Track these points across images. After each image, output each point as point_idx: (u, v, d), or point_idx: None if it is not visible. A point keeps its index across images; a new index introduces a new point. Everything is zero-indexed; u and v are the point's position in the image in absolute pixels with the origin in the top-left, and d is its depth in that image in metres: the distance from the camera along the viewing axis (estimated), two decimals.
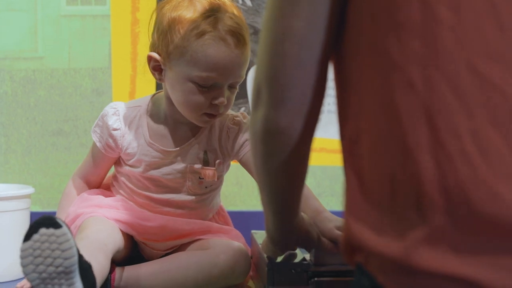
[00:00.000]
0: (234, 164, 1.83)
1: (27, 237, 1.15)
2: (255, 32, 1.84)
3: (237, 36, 1.40)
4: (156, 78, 1.46)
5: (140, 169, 1.49)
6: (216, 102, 1.40)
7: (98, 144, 1.49)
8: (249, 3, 1.84)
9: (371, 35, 0.80)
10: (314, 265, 1.32)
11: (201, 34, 1.38)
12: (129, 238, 1.50)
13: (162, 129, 1.49)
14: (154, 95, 1.53)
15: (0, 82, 1.82)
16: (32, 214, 1.73)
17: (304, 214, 1.20)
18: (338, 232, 1.26)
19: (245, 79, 1.83)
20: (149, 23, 1.47)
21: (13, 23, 1.82)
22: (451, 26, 0.74)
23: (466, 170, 0.73)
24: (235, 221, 1.65)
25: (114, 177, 1.56)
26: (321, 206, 1.34)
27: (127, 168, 1.51)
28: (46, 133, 1.82)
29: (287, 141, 0.91)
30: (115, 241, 1.41)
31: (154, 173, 1.49)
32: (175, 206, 1.51)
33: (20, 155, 1.82)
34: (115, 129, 1.48)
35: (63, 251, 1.14)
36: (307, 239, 1.21)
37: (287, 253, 1.28)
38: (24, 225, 1.66)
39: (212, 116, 1.43)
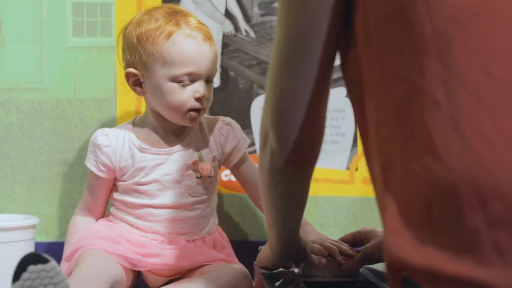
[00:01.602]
0: (238, 194, 1.84)
1: (17, 277, 1.13)
2: (259, 63, 1.86)
3: (202, 31, 1.52)
4: (137, 93, 1.55)
5: (138, 178, 1.53)
6: (198, 95, 1.49)
7: (93, 168, 1.55)
8: (252, 34, 1.86)
9: (388, 68, 0.86)
10: (301, 276, 1.43)
11: (168, 35, 1.49)
12: (131, 269, 1.51)
13: (151, 136, 1.57)
14: (134, 119, 1.62)
15: (7, 113, 1.84)
16: (37, 245, 1.74)
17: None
18: (315, 245, 1.41)
19: (249, 111, 1.85)
20: (117, 49, 1.56)
21: (20, 54, 1.84)
22: (462, 41, 0.81)
23: (497, 164, 0.78)
24: (238, 252, 1.65)
25: (112, 206, 1.59)
26: (305, 220, 1.44)
27: (124, 184, 1.55)
28: (51, 163, 1.84)
29: (290, 176, 1.07)
30: (110, 273, 1.42)
31: (154, 176, 1.53)
32: (178, 210, 1.53)
33: (25, 185, 1.83)
34: (106, 146, 1.55)
35: (55, 284, 1.13)
36: (302, 254, 1.36)
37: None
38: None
39: (197, 111, 1.51)
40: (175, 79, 1.49)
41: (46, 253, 1.67)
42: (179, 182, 1.53)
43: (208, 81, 1.53)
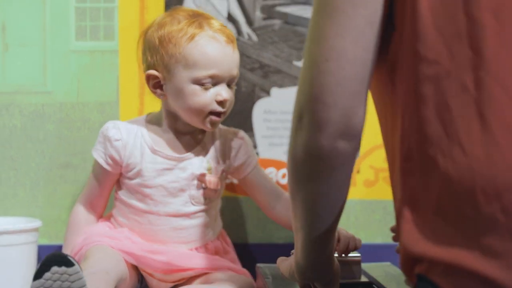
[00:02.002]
0: (239, 197, 1.84)
1: (39, 275, 1.13)
2: (261, 66, 1.86)
3: (225, 33, 1.50)
4: (157, 96, 1.52)
5: (143, 179, 1.51)
6: (221, 98, 1.48)
7: (100, 160, 1.53)
8: (254, 38, 1.86)
9: (416, 50, 0.85)
10: None
11: (192, 37, 1.47)
12: (135, 270, 1.51)
13: (164, 138, 1.54)
14: (148, 115, 1.59)
15: (10, 116, 1.84)
16: (40, 247, 1.74)
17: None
18: None
19: (251, 112, 1.86)
20: (137, 50, 1.54)
21: (23, 58, 1.84)
22: (495, 32, 0.81)
23: None
24: (240, 254, 1.65)
25: (114, 208, 1.58)
26: None
27: (129, 182, 1.53)
28: (54, 166, 1.84)
29: (330, 166, 0.90)
30: (117, 270, 1.41)
31: (159, 181, 1.51)
32: (180, 218, 1.52)
33: (28, 188, 1.84)
34: (116, 140, 1.53)
35: None
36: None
37: None
38: (31, 259, 1.67)
39: (218, 115, 1.49)
40: (198, 81, 1.47)
41: None
42: (184, 191, 1.52)
43: (230, 84, 1.51)
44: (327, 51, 0.86)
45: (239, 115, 1.85)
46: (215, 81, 1.48)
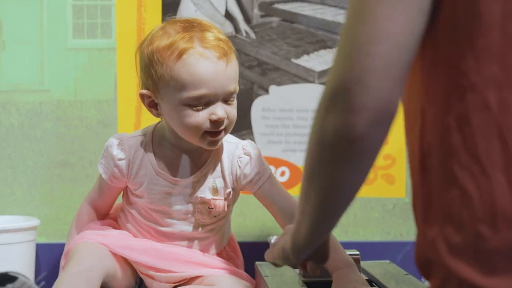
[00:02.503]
0: (239, 195, 1.84)
1: None
2: (259, 64, 1.86)
3: (217, 48, 1.39)
4: (154, 115, 1.45)
5: (148, 200, 1.48)
6: (215, 118, 1.38)
7: (104, 175, 1.48)
8: (252, 35, 1.86)
9: (449, 54, 0.83)
10: (302, 277, 1.42)
11: (180, 55, 1.37)
12: (130, 267, 1.49)
13: (169, 158, 1.48)
14: (157, 123, 1.52)
15: (7, 114, 1.84)
16: (38, 246, 1.74)
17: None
18: None
19: (249, 110, 1.85)
20: (135, 65, 1.48)
21: (20, 56, 1.84)
22: None
23: None
24: None
25: (122, 210, 1.56)
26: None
27: (135, 199, 1.50)
28: (52, 164, 1.84)
29: (360, 151, 0.86)
30: (102, 266, 1.39)
31: (163, 204, 1.48)
32: (184, 238, 1.49)
33: (26, 187, 1.84)
34: (120, 159, 1.47)
35: None
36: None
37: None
38: (30, 257, 1.67)
39: (214, 134, 1.41)
40: (188, 103, 1.38)
41: (47, 254, 1.68)
42: (189, 213, 1.48)
43: (227, 100, 1.41)
44: (376, 33, 0.82)
45: (238, 113, 1.83)
46: (207, 100, 1.38)
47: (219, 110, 1.38)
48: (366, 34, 0.82)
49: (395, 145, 1.84)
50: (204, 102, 1.38)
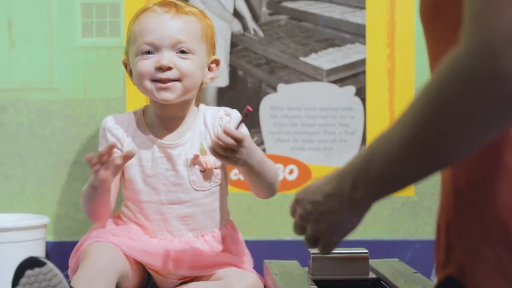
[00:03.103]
0: (246, 193, 1.84)
1: (15, 283, 1.14)
2: (267, 62, 1.86)
3: (168, 5, 1.52)
4: (132, 82, 1.54)
5: (143, 169, 1.52)
6: (158, 64, 1.47)
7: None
8: (261, 33, 1.86)
9: None
10: (312, 275, 1.42)
11: (136, 16, 1.53)
12: (139, 266, 1.50)
13: (156, 127, 1.54)
14: (147, 105, 1.60)
15: (17, 112, 1.85)
16: (48, 244, 1.75)
17: None
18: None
19: (257, 108, 1.85)
20: None
21: (30, 54, 1.85)
22: None
23: None
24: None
25: (122, 204, 1.58)
26: None
27: (131, 173, 1.53)
28: (61, 162, 1.85)
29: (500, 92, 0.72)
30: (117, 266, 1.41)
31: (159, 170, 1.52)
32: (184, 205, 1.52)
33: (36, 185, 1.84)
34: (116, 128, 1.54)
35: (54, 286, 1.14)
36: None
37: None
38: (40, 255, 1.67)
39: (163, 82, 1.48)
40: (138, 53, 1.49)
41: (56, 252, 1.69)
42: (183, 177, 1.53)
43: (181, 52, 1.49)
44: None
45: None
46: (154, 48, 1.49)
47: (163, 58, 1.47)
48: None
49: None
50: (151, 50, 1.49)
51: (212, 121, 1.55)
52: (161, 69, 1.47)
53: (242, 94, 1.86)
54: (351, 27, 1.86)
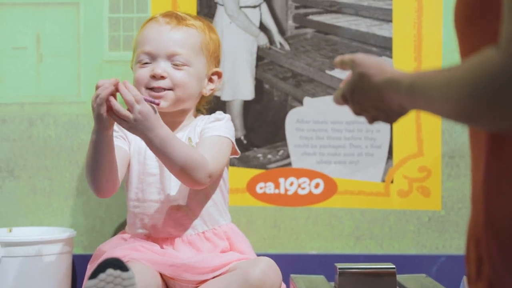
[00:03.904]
0: (272, 207, 1.84)
1: (94, 275, 1.17)
2: (293, 75, 1.86)
3: (170, 16, 1.59)
4: None
5: (146, 168, 1.56)
6: (152, 73, 1.54)
7: (114, 133, 1.52)
8: (287, 47, 1.86)
9: None
10: None
11: (143, 25, 1.62)
12: (162, 279, 1.51)
13: None
14: None
15: (45, 126, 1.86)
16: (74, 257, 1.75)
17: None
18: None
19: (283, 122, 1.85)
20: None
21: (58, 68, 1.86)
22: None
23: None
24: None
25: (127, 217, 1.61)
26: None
27: (134, 171, 1.56)
28: None
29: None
30: (155, 284, 1.43)
31: (151, 169, 1.56)
32: (178, 202, 1.55)
33: (63, 198, 1.85)
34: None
35: None
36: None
37: None
38: (66, 268, 1.68)
39: (155, 90, 1.54)
40: (137, 60, 1.58)
41: (83, 265, 1.70)
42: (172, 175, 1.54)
43: (173, 62, 1.56)
44: None
45: (272, 125, 1.85)
46: (151, 58, 1.56)
47: (157, 67, 1.55)
48: None
49: (431, 157, 1.83)
50: (148, 59, 1.57)
51: (200, 124, 1.60)
52: (154, 77, 1.54)
53: (268, 108, 1.86)
54: (377, 40, 1.85)
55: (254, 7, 1.86)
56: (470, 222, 0.88)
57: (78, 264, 1.78)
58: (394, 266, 1.48)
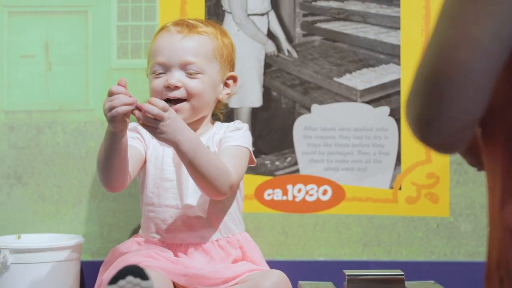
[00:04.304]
0: (280, 213, 1.84)
1: (113, 281, 1.17)
2: (301, 83, 1.86)
3: (181, 25, 1.58)
4: None
5: (163, 173, 1.55)
6: (166, 83, 1.54)
7: (129, 133, 1.51)
8: (295, 54, 1.87)
9: None
10: None
11: (155, 34, 1.62)
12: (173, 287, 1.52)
13: None
14: None
15: (53, 133, 1.87)
16: (82, 263, 1.76)
17: None
18: None
19: (291, 129, 1.85)
20: None
21: (66, 76, 1.87)
22: None
23: None
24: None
25: (141, 220, 1.61)
26: None
27: (150, 176, 1.56)
28: (96, 183, 1.86)
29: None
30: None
31: (169, 174, 1.56)
32: (193, 209, 1.54)
33: (71, 205, 1.86)
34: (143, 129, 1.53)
35: None
36: None
37: None
38: (75, 275, 1.69)
39: (173, 102, 1.53)
40: (151, 71, 1.58)
41: (91, 272, 1.70)
42: (190, 182, 1.54)
43: (186, 71, 1.55)
44: (460, 37, 0.77)
45: (280, 132, 1.85)
46: (165, 68, 1.56)
47: (171, 77, 1.54)
48: (449, 38, 0.78)
49: (439, 164, 1.82)
50: (162, 69, 1.56)
51: (218, 132, 1.59)
52: (169, 88, 1.54)
53: (276, 115, 1.86)
54: (385, 48, 1.85)
55: (262, 14, 1.87)
56: (489, 242, 0.86)
57: (86, 271, 1.79)
58: (402, 273, 1.48)
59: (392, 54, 1.85)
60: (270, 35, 1.87)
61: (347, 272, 1.51)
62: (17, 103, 1.87)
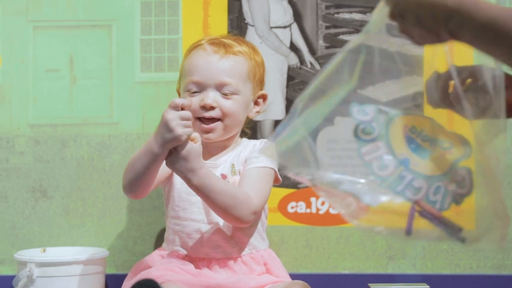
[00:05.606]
0: (304, 226, 1.83)
1: None
2: None
3: (218, 44, 1.58)
4: None
5: (184, 187, 1.53)
6: (202, 103, 1.54)
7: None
8: (318, 67, 1.86)
9: None
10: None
11: (189, 50, 1.62)
12: None
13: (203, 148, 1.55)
14: None
15: (77, 147, 1.88)
16: (107, 277, 1.76)
17: None
18: None
19: (314, 142, 1.85)
20: None
21: (90, 90, 1.88)
22: None
23: None
24: None
25: (165, 233, 1.61)
26: None
27: (175, 190, 1.57)
28: (120, 196, 1.87)
29: None
30: None
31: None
32: (216, 225, 1.54)
33: (95, 218, 1.87)
34: None
35: None
36: None
37: None
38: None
39: (206, 122, 1.55)
40: (186, 89, 1.58)
41: (116, 285, 1.71)
42: None
43: (222, 91, 1.56)
44: None
45: None
46: (200, 87, 1.56)
47: (207, 97, 1.55)
48: None
49: None
50: (197, 88, 1.56)
51: (244, 150, 1.60)
52: (204, 107, 1.54)
53: None
54: (408, 59, 1.84)
55: (285, 27, 1.87)
56: None
57: (111, 284, 1.79)
58: (428, 286, 1.47)
59: (415, 66, 1.84)
60: (293, 47, 1.87)
61: (372, 285, 1.50)
62: (42, 117, 1.88)
